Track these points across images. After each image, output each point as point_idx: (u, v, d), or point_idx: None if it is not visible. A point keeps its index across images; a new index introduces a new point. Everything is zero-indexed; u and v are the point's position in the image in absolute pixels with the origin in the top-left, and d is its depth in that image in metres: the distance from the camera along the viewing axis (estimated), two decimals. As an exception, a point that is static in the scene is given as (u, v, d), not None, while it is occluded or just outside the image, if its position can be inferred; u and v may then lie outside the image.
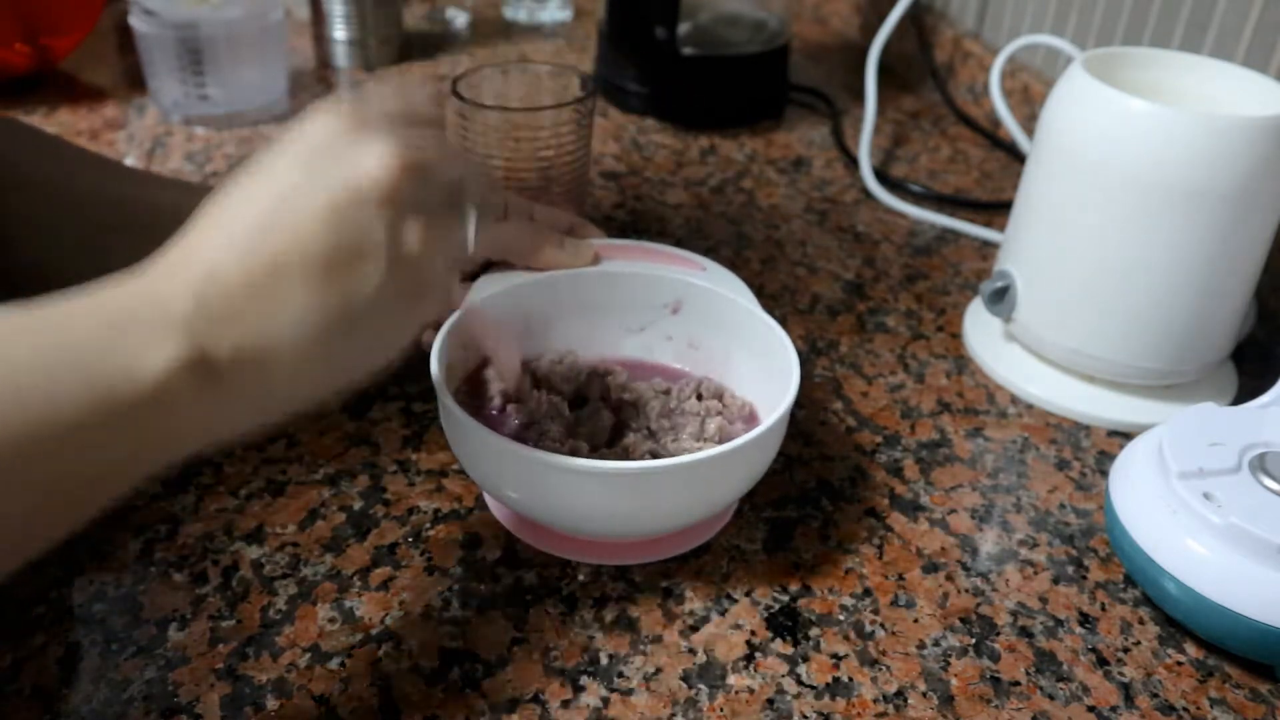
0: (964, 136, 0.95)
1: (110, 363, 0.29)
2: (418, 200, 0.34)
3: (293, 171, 0.34)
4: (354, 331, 0.34)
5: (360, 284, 0.33)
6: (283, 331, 0.32)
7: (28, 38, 0.89)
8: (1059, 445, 0.58)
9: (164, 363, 0.30)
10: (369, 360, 0.36)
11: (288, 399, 0.34)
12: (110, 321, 0.30)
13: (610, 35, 0.94)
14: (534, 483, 0.44)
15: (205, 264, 0.32)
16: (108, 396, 0.29)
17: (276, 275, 0.32)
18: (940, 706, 0.43)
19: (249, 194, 0.34)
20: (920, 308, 0.69)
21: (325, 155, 0.34)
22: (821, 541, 0.50)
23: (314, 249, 0.32)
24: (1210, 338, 0.58)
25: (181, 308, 0.31)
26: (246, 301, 0.32)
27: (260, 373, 0.32)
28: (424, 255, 0.34)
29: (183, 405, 0.31)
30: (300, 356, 0.33)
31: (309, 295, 0.32)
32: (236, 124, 0.88)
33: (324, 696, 0.41)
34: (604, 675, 0.43)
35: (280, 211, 0.33)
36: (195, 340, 0.31)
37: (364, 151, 0.34)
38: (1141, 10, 0.79)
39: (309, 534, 0.49)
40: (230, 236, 0.33)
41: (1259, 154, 0.52)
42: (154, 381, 0.30)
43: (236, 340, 0.31)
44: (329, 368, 0.34)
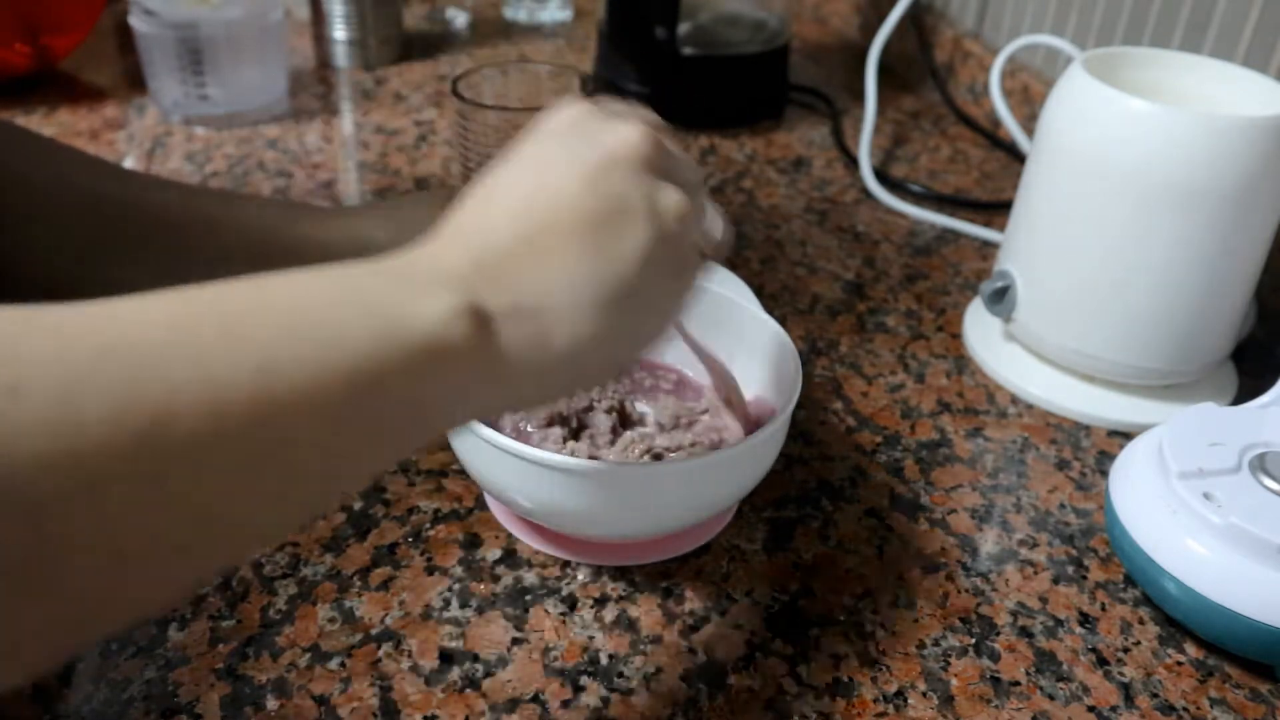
0: (964, 136, 0.95)
1: (391, 308, 0.30)
2: (667, 170, 0.36)
3: (549, 148, 0.36)
4: (623, 296, 0.34)
5: (625, 243, 0.34)
6: (556, 289, 0.33)
7: (28, 38, 0.89)
8: (1059, 445, 0.58)
9: (442, 309, 0.30)
10: (639, 331, 0.37)
11: (567, 368, 0.34)
12: (392, 276, 0.31)
13: (610, 35, 0.94)
14: (535, 483, 0.44)
15: (479, 231, 0.33)
16: (390, 337, 0.29)
17: (547, 237, 0.33)
18: (940, 706, 0.43)
19: (510, 174, 0.36)
20: (920, 308, 0.69)
21: (577, 133, 0.36)
22: (821, 541, 0.50)
23: (579, 208, 0.34)
24: (1210, 338, 0.58)
25: (458, 266, 0.32)
26: (520, 261, 0.33)
27: (538, 334, 0.33)
28: (681, 221, 0.36)
29: (462, 355, 0.31)
30: (575, 318, 0.33)
31: (579, 253, 0.33)
32: (236, 124, 0.88)
33: (324, 696, 0.41)
34: (604, 675, 0.43)
35: (543, 182, 0.34)
36: (473, 293, 0.31)
37: (614, 127, 0.36)
38: (1141, 10, 0.79)
39: (309, 534, 0.49)
40: (500, 208, 0.34)
41: (1259, 154, 0.52)
42: (433, 328, 0.30)
43: (512, 298, 0.32)
44: (603, 334, 0.34)
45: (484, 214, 0.34)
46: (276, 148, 0.85)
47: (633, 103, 0.40)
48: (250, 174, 0.81)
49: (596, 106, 0.38)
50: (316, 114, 0.92)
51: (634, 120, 0.37)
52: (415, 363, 0.30)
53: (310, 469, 0.28)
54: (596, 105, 0.38)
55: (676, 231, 0.36)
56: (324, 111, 0.93)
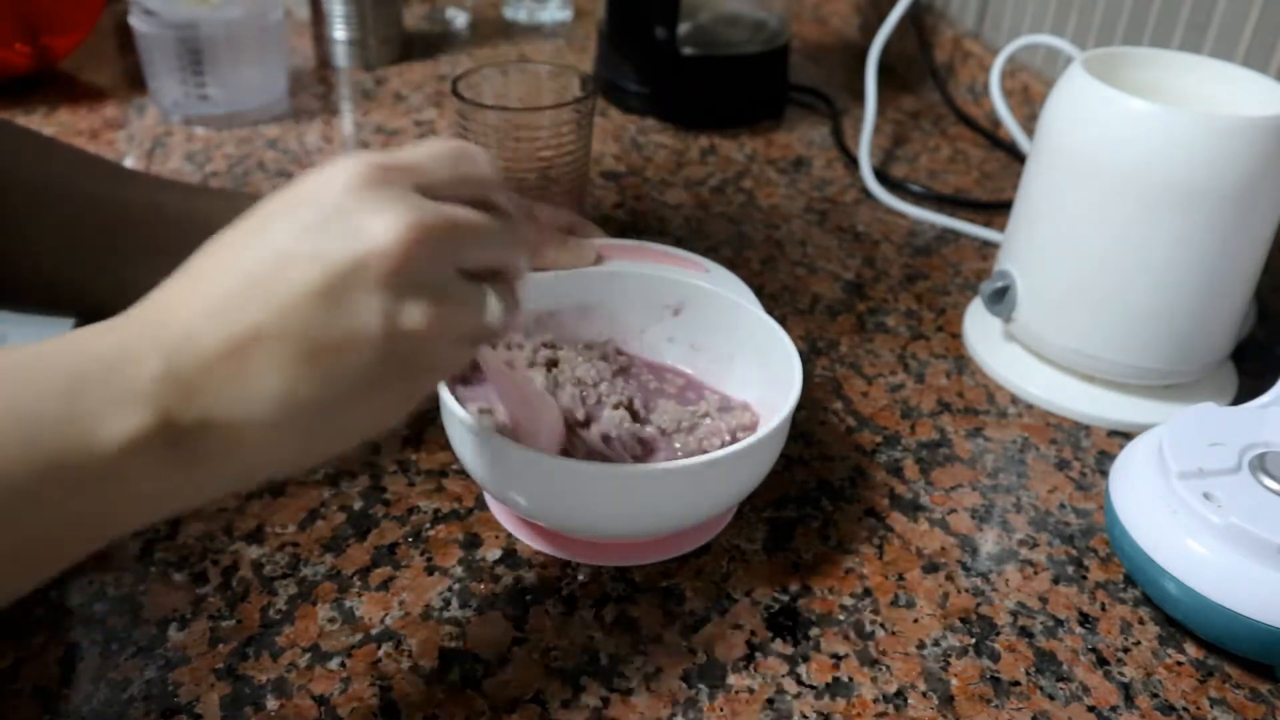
0: (964, 136, 0.95)
1: (66, 429, 0.27)
2: (429, 277, 0.31)
3: (294, 232, 0.31)
4: (336, 412, 0.31)
5: (344, 368, 0.31)
6: (257, 407, 0.30)
7: (28, 38, 0.89)
8: (1059, 445, 0.58)
9: (125, 431, 0.28)
10: (349, 439, 0.34)
11: (259, 471, 0.32)
12: (70, 381, 0.28)
13: (610, 35, 0.94)
14: (535, 483, 0.44)
15: (181, 326, 0.30)
16: (61, 463, 0.27)
17: (255, 348, 0.30)
18: (940, 706, 0.43)
19: (239, 253, 0.31)
20: (920, 308, 0.69)
21: (333, 218, 0.31)
22: (821, 541, 0.50)
23: (300, 329, 0.30)
24: (1210, 338, 0.58)
25: (150, 372, 0.29)
26: (219, 372, 0.29)
27: (230, 446, 0.30)
28: (424, 339, 0.32)
29: (144, 475, 0.29)
30: (275, 433, 0.31)
31: (288, 375, 0.30)
32: (236, 124, 0.88)
33: (324, 696, 0.41)
34: (604, 675, 0.43)
35: (271, 276, 0.30)
36: (161, 408, 0.29)
37: (375, 220, 0.31)
38: (1141, 10, 0.79)
39: (309, 534, 0.49)
40: (211, 300, 0.30)
41: (1259, 154, 0.52)
42: (113, 451, 0.28)
43: (206, 411, 0.29)
44: (305, 443, 0.32)
45: (192, 301, 0.31)
46: (276, 148, 0.85)
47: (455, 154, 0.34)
48: (250, 174, 0.81)
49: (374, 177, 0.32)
50: (316, 114, 0.92)
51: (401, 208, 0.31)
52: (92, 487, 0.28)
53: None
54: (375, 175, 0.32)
55: (416, 349, 0.32)
56: (324, 111, 0.93)
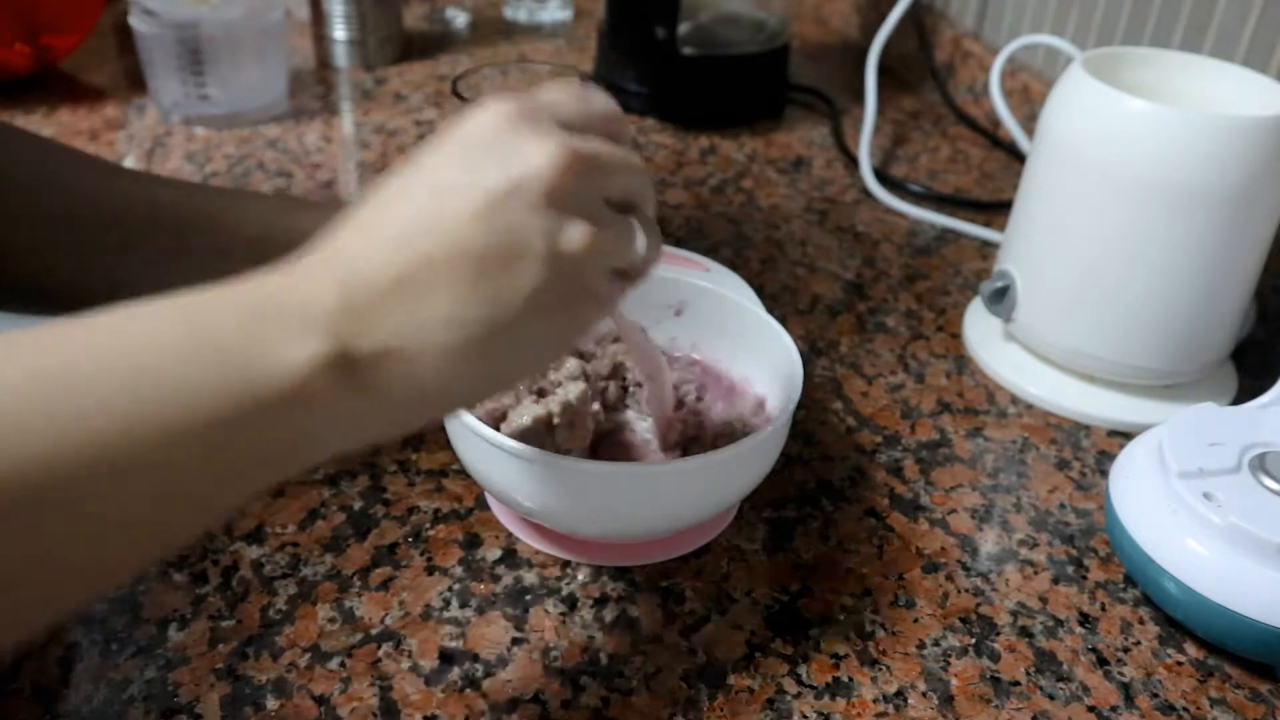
0: (964, 136, 0.95)
1: (250, 357, 0.28)
2: (583, 202, 0.33)
3: (450, 166, 0.32)
4: (506, 337, 0.32)
5: (514, 288, 0.31)
6: (429, 333, 0.30)
7: (28, 38, 0.89)
8: (1059, 445, 0.58)
9: (304, 360, 0.28)
10: (521, 367, 0.34)
11: (434, 403, 0.33)
12: (252, 314, 0.29)
13: (610, 35, 0.94)
14: (536, 483, 0.44)
15: (353, 259, 0.31)
16: (246, 391, 0.28)
17: (425, 274, 0.30)
18: (940, 706, 0.43)
19: (402, 190, 0.32)
20: (920, 308, 0.69)
21: (487, 150, 0.32)
22: (821, 541, 0.50)
23: (467, 249, 0.31)
24: (1210, 338, 0.58)
25: (325, 303, 0.29)
26: (393, 300, 0.30)
27: (406, 375, 0.31)
28: (586, 261, 0.32)
29: (323, 404, 0.29)
30: (448, 360, 0.31)
31: (459, 297, 0.31)
32: (236, 124, 0.88)
33: (324, 696, 0.41)
34: (604, 675, 0.43)
35: (434, 208, 0.31)
36: (338, 337, 0.29)
37: (529, 147, 0.32)
38: (1141, 10, 0.79)
39: (309, 534, 0.49)
40: (380, 232, 0.31)
41: (1259, 154, 0.52)
42: (293, 378, 0.28)
43: (382, 340, 0.30)
44: (479, 373, 0.32)
45: (364, 238, 0.31)
46: (276, 148, 0.85)
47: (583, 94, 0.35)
48: (250, 174, 0.81)
49: (519, 113, 0.33)
50: (316, 114, 0.92)
51: (553, 138, 0.32)
52: (272, 414, 0.28)
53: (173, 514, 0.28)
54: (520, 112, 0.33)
55: (577, 270, 0.32)
56: (324, 111, 0.93)
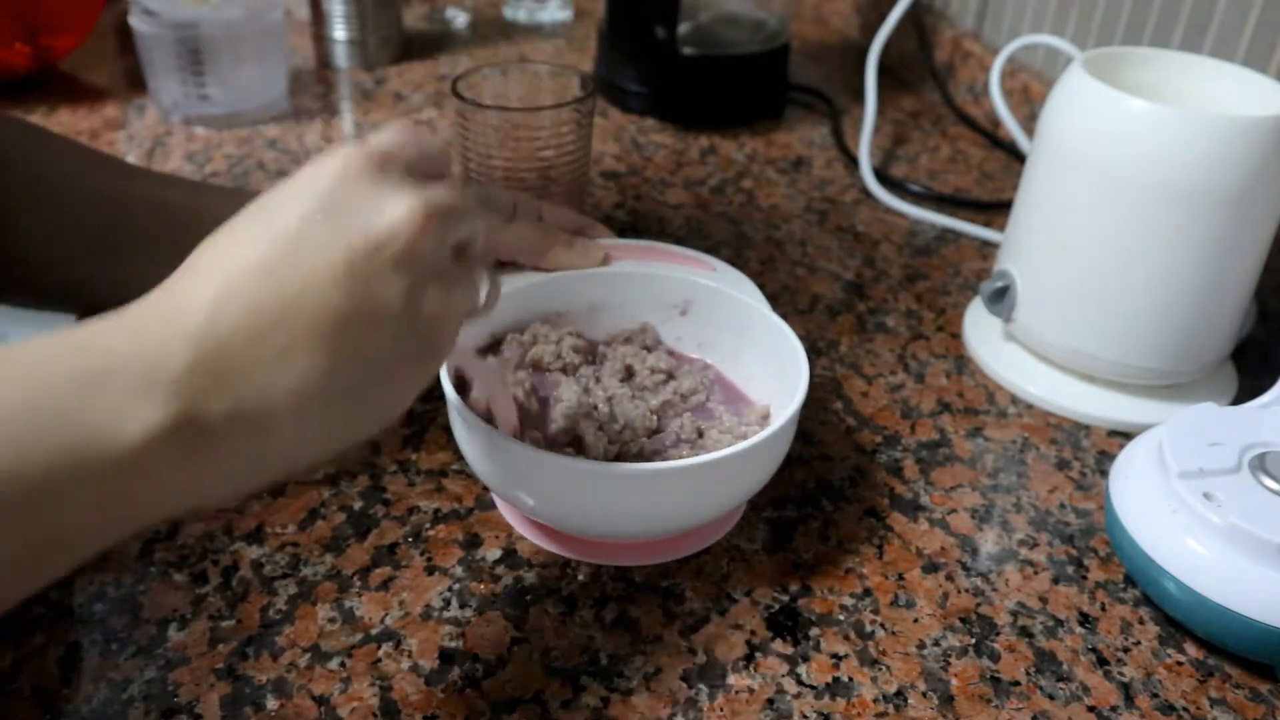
0: (964, 136, 0.95)
1: (87, 421, 0.27)
2: (438, 259, 0.32)
3: (307, 215, 0.31)
4: (359, 395, 0.32)
5: (370, 348, 0.31)
6: (283, 394, 0.30)
7: (28, 38, 0.89)
8: (1059, 445, 0.58)
9: (147, 425, 0.27)
10: (369, 423, 0.34)
11: (282, 464, 0.32)
12: (90, 373, 0.28)
13: (610, 35, 0.94)
14: (540, 483, 0.44)
15: (203, 313, 0.29)
16: (81, 457, 0.27)
17: (282, 331, 0.29)
18: (940, 706, 0.43)
19: (253, 235, 0.31)
20: (920, 308, 0.69)
21: (345, 202, 0.31)
22: (821, 541, 0.50)
23: (327, 306, 0.30)
24: (1210, 338, 0.58)
25: (173, 365, 0.28)
26: (247, 359, 0.29)
27: (255, 437, 0.30)
28: (440, 317, 0.33)
29: (166, 469, 0.28)
30: (300, 420, 0.30)
31: (315, 357, 0.30)
32: (236, 124, 0.88)
33: (324, 696, 0.41)
34: (604, 675, 0.43)
35: (291, 260, 0.30)
36: (185, 401, 0.28)
37: (388, 204, 0.31)
38: (1141, 10, 0.79)
39: (309, 534, 0.49)
40: (232, 283, 0.30)
41: (1259, 154, 0.52)
42: (134, 445, 0.27)
43: (232, 402, 0.29)
44: (329, 431, 0.32)
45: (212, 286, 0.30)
46: (276, 148, 0.85)
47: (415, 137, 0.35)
48: (250, 174, 0.81)
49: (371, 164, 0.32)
50: (316, 114, 0.92)
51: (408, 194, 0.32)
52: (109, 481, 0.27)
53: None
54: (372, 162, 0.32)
55: (434, 328, 0.33)
56: (324, 111, 0.93)
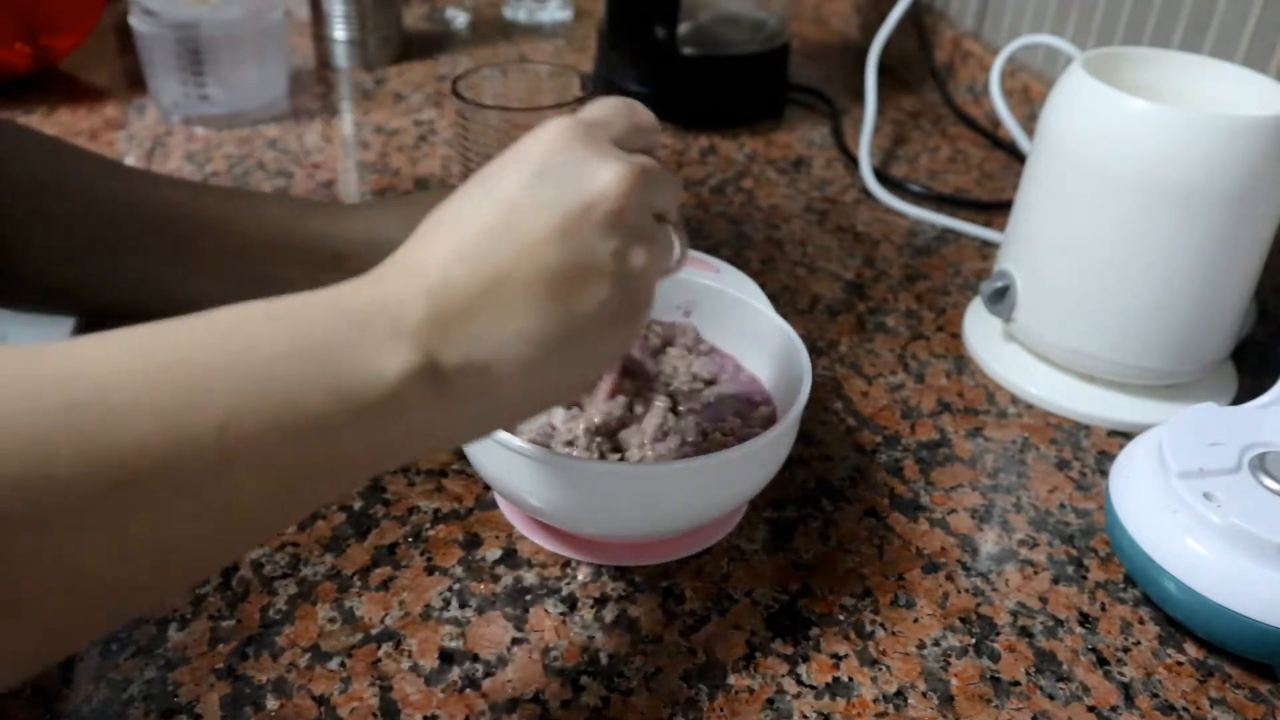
0: (964, 136, 0.95)
1: (352, 362, 0.29)
2: (641, 222, 0.35)
3: (525, 182, 0.34)
4: (577, 349, 0.34)
5: (585, 302, 0.33)
6: (509, 347, 0.32)
7: (28, 38, 0.89)
8: (1059, 445, 0.58)
9: (400, 367, 0.30)
10: (586, 376, 0.37)
11: (507, 413, 0.35)
12: (352, 320, 0.30)
13: (610, 35, 0.94)
14: (541, 482, 0.44)
15: (438, 271, 0.32)
16: (348, 393, 0.29)
17: (506, 290, 0.32)
18: (940, 706, 0.43)
19: (479, 203, 0.34)
20: (920, 308, 0.69)
21: (559, 168, 0.34)
22: (821, 541, 0.50)
23: (545, 264, 0.32)
24: (1210, 338, 0.58)
25: (415, 314, 0.31)
26: (476, 313, 0.32)
27: (484, 384, 0.32)
28: (645, 275, 0.35)
29: (413, 411, 0.31)
30: (524, 372, 0.33)
31: (536, 309, 0.32)
32: (236, 124, 0.88)
33: (324, 696, 0.41)
34: (604, 675, 0.43)
35: (512, 223, 0.33)
36: (427, 348, 0.31)
37: (599, 168, 0.34)
38: (1141, 10, 0.79)
39: (309, 534, 0.49)
40: (461, 245, 0.33)
41: (1259, 154, 0.52)
42: (391, 385, 0.30)
43: (465, 350, 0.31)
44: (547, 382, 0.34)
45: (445, 248, 0.33)
46: (276, 148, 0.85)
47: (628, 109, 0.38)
48: (250, 174, 0.81)
49: (581, 133, 0.35)
50: (316, 114, 0.92)
51: (616, 160, 0.35)
52: (368, 418, 0.30)
53: (261, 513, 0.29)
54: (582, 132, 0.35)
55: (639, 285, 0.35)
56: (324, 111, 0.93)
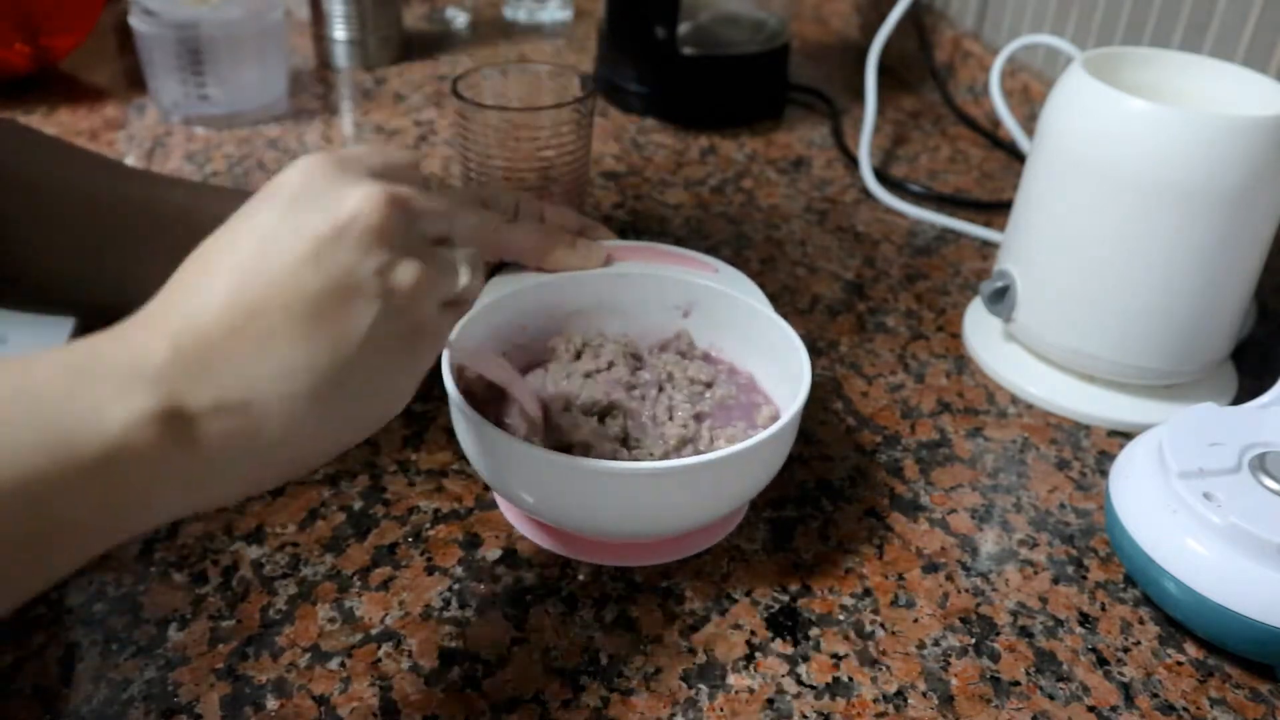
0: (964, 136, 0.95)
1: (71, 411, 0.27)
2: (405, 238, 0.33)
3: (274, 216, 0.32)
4: (347, 382, 0.32)
5: (350, 327, 0.32)
6: (268, 383, 0.30)
7: (28, 38, 0.89)
8: (1059, 445, 0.58)
9: (131, 414, 0.28)
10: (365, 417, 0.34)
11: (278, 462, 0.32)
12: (74, 368, 0.28)
13: (610, 35, 0.94)
14: (543, 482, 0.44)
15: (185, 313, 0.30)
16: (67, 448, 0.27)
17: (260, 321, 0.30)
18: (940, 706, 0.43)
19: (229, 242, 0.32)
20: (920, 308, 0.69)
21: (307, 197, 0.33)
22: (821, 541, 0.50)
23: (299, 291, 0.31)
24: (1210, 338, 0.58)
25: (154, 358, 0.29)
26: (227, 350, 0.30)
27: (245, 431, 0.30)
28: (416, 295, 0.33)
29: (154, 463, 0.28)
30: (289, 411, 0.31)
31: (295, 342, 0.31)
32: (236, 124, 0.88)
33: (324, 696, 0.41)
34: (604, 675, 0.43)
35: (262, 256, 0.31)
36: (169, 391, 0.29)
37: (349, 191, 0.33)
38: (1141, 10, 0.79)
39: (309, 534, 0.49)
40: (210, 284, 0.31)
41: (1259, 154, 0.52)
42: (115, 435, 0.27)
43: (218, 390, 0.30)
44: (321, 425, 0.32)
45: (194, 290, 0.31)
46: (276, 148, 0.85)
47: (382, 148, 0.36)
48: (250, 174, 0.81)
49: (333, 164, 0.34)
50: (316, 114, 0.92)
51: (369, 183, 0.33)
52: (94, 474, 0.27)
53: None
54: (334, 162, 0.34)
55: (410, 305, 0.33)
56: (324, 111, 0.93)
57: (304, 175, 0.33)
